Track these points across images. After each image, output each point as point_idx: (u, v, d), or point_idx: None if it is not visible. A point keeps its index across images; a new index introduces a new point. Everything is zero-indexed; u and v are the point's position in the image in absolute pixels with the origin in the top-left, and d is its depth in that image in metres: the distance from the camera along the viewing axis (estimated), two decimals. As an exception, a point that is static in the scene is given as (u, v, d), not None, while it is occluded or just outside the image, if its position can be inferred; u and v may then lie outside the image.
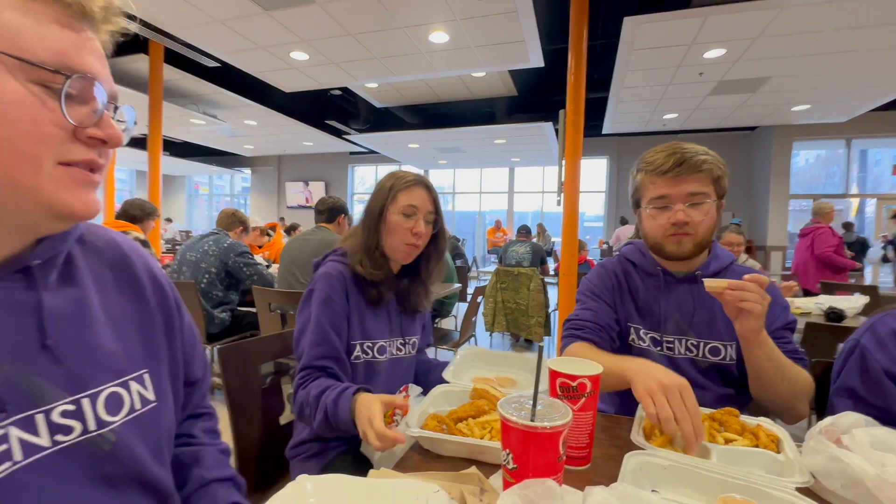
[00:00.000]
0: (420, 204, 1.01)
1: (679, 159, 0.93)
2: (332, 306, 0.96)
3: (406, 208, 1.00)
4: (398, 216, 1.00)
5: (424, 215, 1.02)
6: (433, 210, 1.04)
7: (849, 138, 7.80)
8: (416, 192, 1.02)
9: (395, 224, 1.00)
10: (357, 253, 1.02)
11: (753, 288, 0.78)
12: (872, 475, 0.51)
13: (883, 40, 4.13)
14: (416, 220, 1.01)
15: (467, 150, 9.28)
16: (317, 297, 0.97)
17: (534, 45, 4.47)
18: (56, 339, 0.44)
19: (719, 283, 0.79)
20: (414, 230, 1.00)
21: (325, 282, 0.99)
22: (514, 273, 4.00)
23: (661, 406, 0.65)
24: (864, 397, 0.86)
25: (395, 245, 1.02)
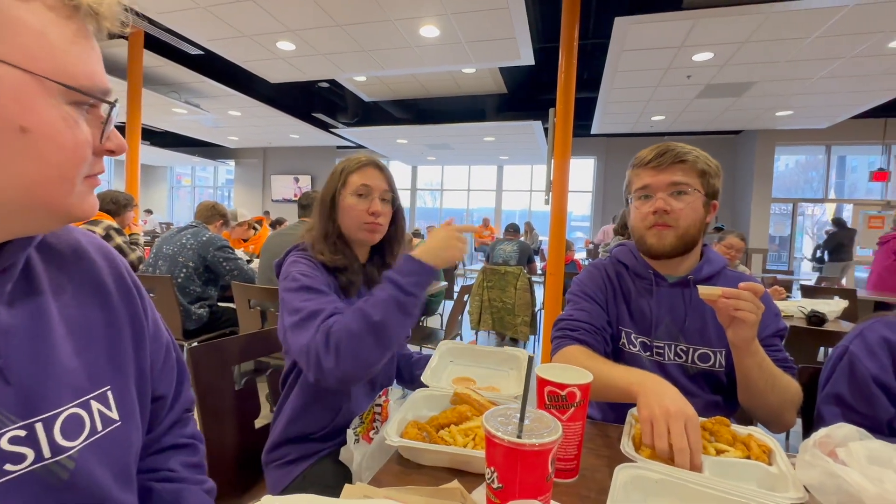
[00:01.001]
0: (373, 183, 0.99)
1: (662, 150, 0.95)
2: (316, 278, 0.91)
3: (359, 188, 0.98)
4: (352, 198, 0.97)
5: (380, 194, 0.99)
6: (388, 188, 1.01)
7: (828, 144, 7.99)
8: (367, 171, 0.99)
9: (349, 207, 0.97)
10: (316, 244, 0.98)
11: (748, 297, 0.76)
12: (872, 493, 0.49)
13: (863, 50, 4.21)
14: (371, 200, 0.98)
15: (456, 147, 9.23)
16: (295, 275, 0.91)
17: (525, 43, 4.44)
18: (7, 359, 0.39)
19: (714, 291, 0.77)
20: (370, 210, 0.97)
21: (298, 265, 0.93)
22: (501, 272, 3.98)
23: (660, 436, 0.62)
24: (852, 405, 0.85)
25: (353, 227, 0.98)
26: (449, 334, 2.87)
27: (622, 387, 0.75)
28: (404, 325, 0.80)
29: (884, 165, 7.78)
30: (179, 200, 14.53)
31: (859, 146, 7.97)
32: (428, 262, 0.82)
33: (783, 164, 9.80)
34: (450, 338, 2.89)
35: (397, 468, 0.66)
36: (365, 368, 0.78)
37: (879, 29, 3.82)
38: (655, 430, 0.63)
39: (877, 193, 8.16)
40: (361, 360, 0.77)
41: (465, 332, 4.61)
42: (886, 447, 0.57)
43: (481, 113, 7.43)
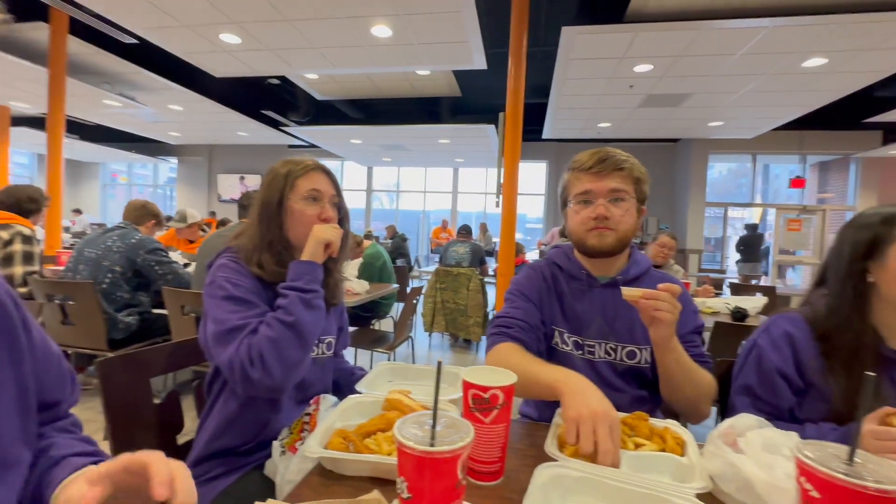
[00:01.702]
0: (323, 188, 0.96)
1: (602, 157, 0.97)
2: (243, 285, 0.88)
3: (310, 192, 0.94)
4: (301, 203, 0.94)
5: (329, 199, 0.97)
6: (336, 194, 1.00)
7: (754, 153, 8.69)
8: (316, 176, 0.96)
9: (299, 212, 0.94)
10: (253, 252, 0.92)
11: (666, 297, 0.80)
12: (763, 480, 0.52)
13: (781, 68, 4.62)
14: (322, 206, 0.95)
15: (412, 148, 9.20)
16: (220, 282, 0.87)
17: (477, 47, 4.50)
18: None
19: (635, 292, 0.80)
20: (322, 216, 0.95)
21: (225, 270, 0.90)
22: (454, 273, 4.00)
23: (585, 438, 0.64)
24: (760, 395, 0.92)
25: (303, 234, 0.94)
26: (400, 336, 2.84)
27: (547, 384, 0.77)
28: (316, 318, 0.87)
29: (801, 173, 8.59)
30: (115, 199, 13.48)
31: (780, 155, 8.73)
32: (309, 259, 0.91)
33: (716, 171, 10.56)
34: (401, 341, 2.86)
35: (318, 480, 0.63)
36: (292, 370, 0.82)
37: (794, 50, 4.21)
38: (582, 432, 0.64)
39: (795, 199, 8.98)
40: (288, 363, 0.81)
41: (419, 334, 4.60)
42: (779, 435, 0.62)
43: (436, 115, 7.45)
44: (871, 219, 0.87)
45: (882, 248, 0.83)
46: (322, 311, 0.90)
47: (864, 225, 0.87)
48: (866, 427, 0.70)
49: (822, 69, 4.61)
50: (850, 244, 0.88)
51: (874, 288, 0.85)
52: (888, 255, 0.82)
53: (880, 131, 7.57)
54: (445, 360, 4.04)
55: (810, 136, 7.93)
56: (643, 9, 3.82)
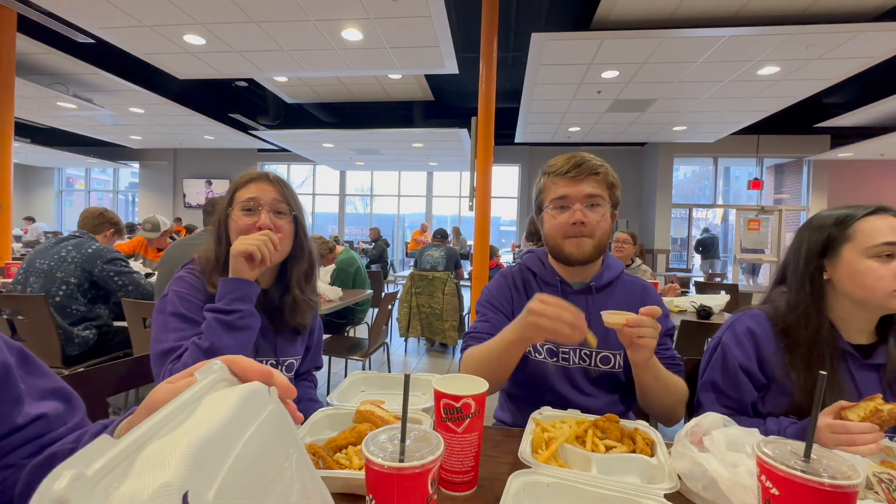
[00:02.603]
0: (260, 195, 0.91)
1: (578, 161, 0.98)
2: (193, 302, 0.86)
3: (245, 202, 0.90)
4: (238, 213, 0.91)
5: (269, 205, 0.91)
6: (279, 198, 0.93)
7: (716, 157, 9.07)
8: (255, 185, 0.93)
9: (234, 223, 0.91)
10: (208, 269, 0.90)
11: (649, 323, 0.79)
12: (726, 478, 0.53)
13: (738, 75, 4.84)
14: (258, 214, 0.90)
15: (385, 152, 9.14)
16: (172, 297, 0.86)
17: (448, 52, 4.52)
18: None
19: (618, 320, 0.79)
20: (258, 224, 0.89)
21: (181, 282, 0.88)
22: (429, 277, 3.99)
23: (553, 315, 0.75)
24: (724, 390, 0.95)
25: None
26: (374, 343, 2.80)
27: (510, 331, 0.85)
28: (241, 341, 0.83)
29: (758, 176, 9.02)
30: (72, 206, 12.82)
31: (740, 158, 9.14)
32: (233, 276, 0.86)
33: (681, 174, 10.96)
34: (376, 347, 2.83)
35: (286, 500, 0.61)
36: None
37: (749, 58, 4.42)
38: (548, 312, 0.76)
39: (754, 199, 9.42)
40: None
41: (395, 339, 4.56)
42: (743, 433, 0.64)
43: (409, 119, 7.44)
44: (825, 220, 0.91)
45: (836, 248, 0.87)
46: (252, 331, 0.85)
47: (819, 226, 0.92)
48: (822, 421, 0.73)
49: (775, 77, 4.86)
50: (806, 244, 0.92)
51: (830, 285, 0.89)
52: (841, 254, 0.86)
53: (829, 135, 8.05)
54: (422, 364, 4.02)
55: (766, 139, 8.35)
56: (608, 17, 3.94)
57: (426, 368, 3.96)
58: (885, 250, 0.81)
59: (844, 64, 4.47)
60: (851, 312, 0.87)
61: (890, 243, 0.81)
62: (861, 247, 0.84)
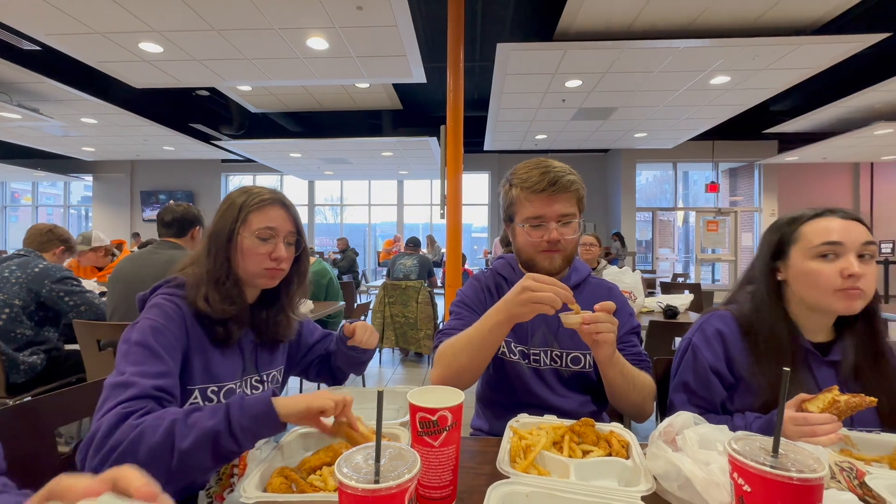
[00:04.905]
0: (279, 225, 0.88)
1: (552, 178, 0.96)
2: (164, 335, 0.77)
3: (262, 231, 0.86)
4: (252, 240, 0.86)
5: (285, 237, 0.89)
6: (294, 230, 0.92)
7: (675, 162, 9.48)
8: (272, 211, 0.88)
9: (249, 249, 0.86)
10: (200, 285, 0.84)
11: (605, 318, 0.82)
12: (700, 477, 0.54)
13: (692, 85, 5.09)
14: (274, 244, 0.87)
15: (354, 161, 9.06)
16: (143, 325, 0.78)
17: (415, 61, 4.54)
18: None
19: (575, 319, 0.81)
20: (273, 255, 0.87)
21: (156, 311, 0.80)
22: (402, 286, 3.96)
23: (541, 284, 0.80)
24: (695, 390, 0.97)
25: (251, 271, 0.88)
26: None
27: (490, 317, 0.87)
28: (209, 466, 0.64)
29: (715, 179, 9.48)
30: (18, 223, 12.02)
31: (697, 163, 9.59)
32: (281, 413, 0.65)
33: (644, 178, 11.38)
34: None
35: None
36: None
37: (701, 69, 4.66)
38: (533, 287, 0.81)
39: (712, 202, 9.89)
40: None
41: (369, 351, 4.48)
42: (713, 430, 0.65)
43: (377, 128, 7.41)
44: (780, 223, 0.95)
45: (786, 248, 0.91)
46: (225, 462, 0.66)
47: (776, 227, 0.96)
48: (786, 414, 0.76)
49: (726, 86, 5.14)
50: (765, 245, 0.96)
51: (786, 285, 0.93)
52: (791, 256, 0.90)
53: (776, 141, 8.56)
54: (397, 375, 3.96)
55: (721, 145, 8.80)
56: (571, 27, 4.06)
57: (401, 379, 3.90)
58: (825, 250, 0.84)
59: (787, 74, 4.78)
60: (806, 312, 0.91)
61: (830, 243, 0.84)
62: (805, 248, 0.87)
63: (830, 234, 0.85)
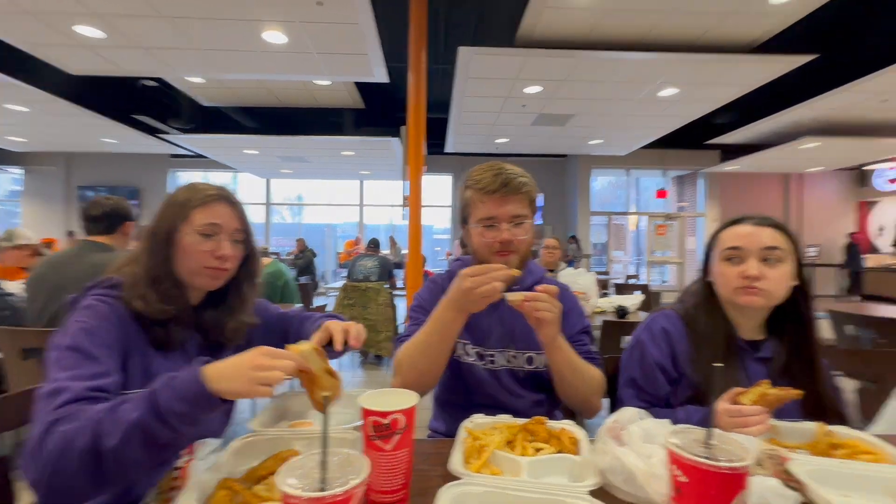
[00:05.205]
0: (223, 222, 0.85)
1: (505, 180, 0.99)
2: (98, 335, 0.72)
3: (204, 227, 0.83)
4: (193, 237, 0.82)
5: (230, 234, 0.86)
6: (241, 228, 0.88)
7: (628, 168, 9.92)
8: (216, 208, 0.85)
9: (190, 246, 0.82)
10: (138, 285, 0.79)
11: (545, 297, 0.86)
12: (642, 470, 0.57)
13: (644, 96, 5.36)
14: (217, 241, 0.84)
15: (314, 160, 8.84)
16: (73, 328, 0.72)
17: (378, 61, 4.49)
18: None
19: (517, 296, 0.86)
20: (216, 253, 0.83)
21: (88, 312, 0.75)
22: (362, 288, 3.90)
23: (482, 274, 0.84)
24: (642, 386, 1.01)
25: (192, 270, 0.83)
26: (304, 360, 2.66)
27: (440, 310, 0.89)
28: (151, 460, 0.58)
29: (664, 186, 10.01)
30: (-70, 219, 10.81)
31: (648, 170, 10.09)
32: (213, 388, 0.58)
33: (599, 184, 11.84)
34: (306, 364, 2.68)
35: (195, 545, 0.55)
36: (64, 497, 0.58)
37: (652, 81, 4.91)
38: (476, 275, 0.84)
39: (661, 207, 10.44)
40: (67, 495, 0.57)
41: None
42: (656, 425, 0.68)
43: (338, 126, 7.27)
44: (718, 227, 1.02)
45: (710, 254, 0.99)
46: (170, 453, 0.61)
47: (713, 233, 1.03)
48: (721, 407, 0.81)
49: (674, 98, 5.44)
50: (705, 249, 1.04)
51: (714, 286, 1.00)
52: (712, 258, 0.99)
53: (719, 151, 9.16)
54: (356, 379, 3.89)
55: (669, 154, 9.30)
56: (531, 35, 4.16)
57: (361, 383, 3.84)
58: (729, 254, 0.94)
59: (728, 89, 5.13)
60: (737, 311, 0.98)
61: (732, 248, 0.94)
62: (719, 252, 0.97)
63: (734, 239, 0.95)
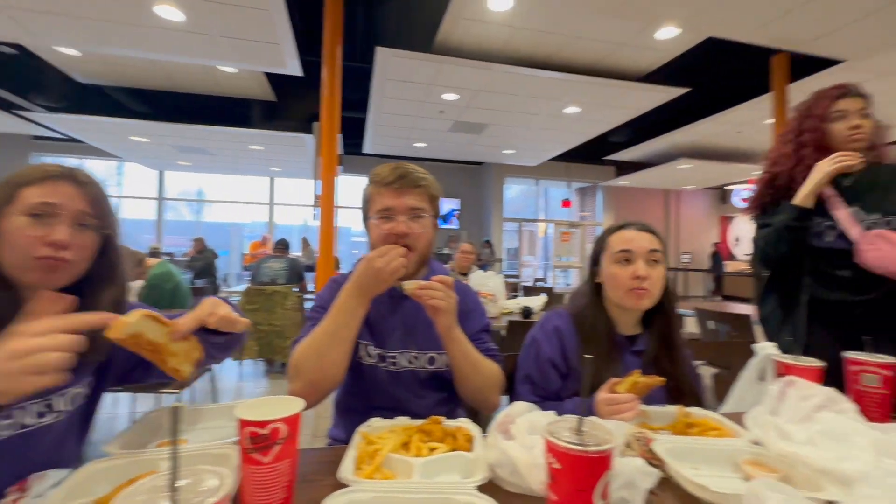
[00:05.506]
0: (63, 202, 0.71)
1: (402, 173, 1.00)
2: None
3: (34, 207, 0.69)
4: (20, 220, 0.68)
5: (72, 217, 0.71)
6: (90, 212, 0.74)
7: (537, 179, 10.60)
8: (57, 186, 0.71)
9: (15, 231, 0.68)
10: None
11: (439, 287, 0.89)
12: (524, 461, 0.59)
13: (551, 111, 5.77)
14: (50, 225, 0.69)
15: (216, 152, 8.12)
16: None
17: (291, 52, 4.26)
18: None
19: (412, 284, 0.89)
20: (47, 238, 0.68)
21: None
22: (268, 292, 3.65)
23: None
24: (536, 381, 1.07)
25: (17, 262, 0.69)
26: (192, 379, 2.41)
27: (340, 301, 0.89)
28: None
29: (569, 196, 10.86)
30: None
31: (555, 181, 10.87)
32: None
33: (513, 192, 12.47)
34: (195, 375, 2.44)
35: None
36: None
37: (559, 98, 5.30)
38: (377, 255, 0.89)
39: (566, 216, 11.31)
40: None
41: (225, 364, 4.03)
42: (543, 416, 0.72)
43: (246, 118, 6.77)
44: (603, 232, 1.13)
45: (600, 256, 1.09)
46: None
47: (598, 238, 1.14)
48: (599, 396, 0.88)
49: (577, 116, 5.93)
50: (591, 253, 1.13)
51: (603, 287, 1.09)
52: (602, 262, 1.08)
53: (614, 166, 10.17)
54: (259, 389, 3.62)
55: (573, 167, 10.12)
56: (447, 42, 4.26)
57: (265, 392, 3.58)
58: (620, 257, 1.04)
59: (621, 112, 5.72)
60: (618, 309, 1.08)
61: (624, 251, 1.03)
62: (609, 254, 1.06)
63: (624, 242, 1.04)
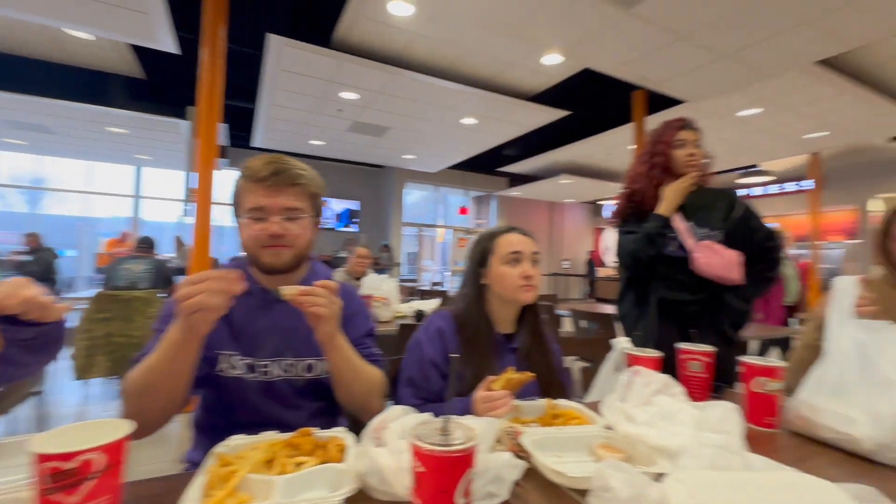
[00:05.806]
0: None
1: (277, 169, 0.92)
2: None
3: None
4: None
5: None
6: None
7: (437, 185, 10.85)
8: None
9: None
10: None
11: (322, 292, 0.82)
12: (392, 467, 0.58)
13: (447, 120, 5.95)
14: None
15: (62, 132, 6.80)
16: None
17: (163, 25, 3.74)
18: None
19: (292, 290, 0.81)
20: None
21: None
22: (124, 298, 3.13)
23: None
24: (418, 383, 1.07)
25: None
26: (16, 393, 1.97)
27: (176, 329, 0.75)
28: None
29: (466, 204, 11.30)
30: None
31: (454, 188, 11.23)
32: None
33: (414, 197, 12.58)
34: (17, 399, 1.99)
35: None
36: None
37: (456, 108, 5.49)
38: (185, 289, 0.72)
39: (463, 223, 11.76)
40: None
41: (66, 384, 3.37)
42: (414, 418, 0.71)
43: (103, 94, 5.78)
44: (481, 237, 1.18)
45: (487, 257, 1.13)
46: None
47: (479, 240, 1.18)
48: (476, 395, 0.91)
49: (474, 127, 6.21)
50: (473, 255, 1.17)
51: (487, 287, 1.14)
52: (490, 263, 1.13)
53: (507, 178, 10.86)
54: (109, 413, 3.08)
55: (470, 176, 10.56)
56: (347, 39, 4.14)
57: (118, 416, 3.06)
58: (511, 258, 1.10)
59: (512, 127, 6.13)
60: (501, 308, 1.14)
61: (514, 252, 1.11)
62: (499, 256, 1.12)
63: (514, 245, 1.11)
